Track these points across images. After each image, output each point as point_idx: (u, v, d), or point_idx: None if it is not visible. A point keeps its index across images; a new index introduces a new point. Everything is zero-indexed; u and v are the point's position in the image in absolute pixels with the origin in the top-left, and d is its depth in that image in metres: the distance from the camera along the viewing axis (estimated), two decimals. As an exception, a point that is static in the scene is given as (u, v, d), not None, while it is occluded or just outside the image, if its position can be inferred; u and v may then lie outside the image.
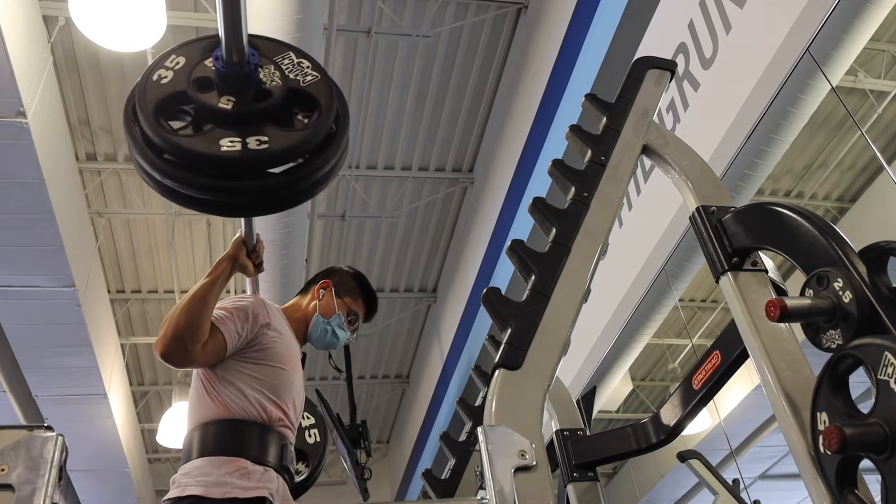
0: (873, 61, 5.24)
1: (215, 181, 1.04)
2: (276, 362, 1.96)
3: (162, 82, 1.07)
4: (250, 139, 1.02)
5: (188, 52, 1.12)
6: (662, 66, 1.93)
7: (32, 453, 1.11)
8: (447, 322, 7.97)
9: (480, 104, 6.64)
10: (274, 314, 2.04)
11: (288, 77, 1.11)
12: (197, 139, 1.02)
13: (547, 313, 1.47)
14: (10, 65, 4.36)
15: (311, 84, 1.12)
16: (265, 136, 1.03)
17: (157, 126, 1.02)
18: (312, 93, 1.12)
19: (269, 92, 1.09)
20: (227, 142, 1.01)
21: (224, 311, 1.88)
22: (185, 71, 1.08)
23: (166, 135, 1.02)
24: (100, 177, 6.73)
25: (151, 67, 1.10)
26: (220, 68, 1.04)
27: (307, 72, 1.13)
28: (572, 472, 2.13)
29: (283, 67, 1.11)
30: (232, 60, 1.03)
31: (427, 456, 8.62)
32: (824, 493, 1.13)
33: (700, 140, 3.54)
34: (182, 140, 1.02)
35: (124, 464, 8.16)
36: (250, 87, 1.06)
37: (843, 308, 1.15)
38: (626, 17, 4.54)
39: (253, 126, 1.04)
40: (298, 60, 1.14)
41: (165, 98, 1.05)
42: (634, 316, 4.91)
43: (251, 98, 1.07)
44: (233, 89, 1.06)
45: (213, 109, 1.04)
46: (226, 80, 1.05)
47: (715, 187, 1.64)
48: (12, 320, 6.21)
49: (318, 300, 2.22)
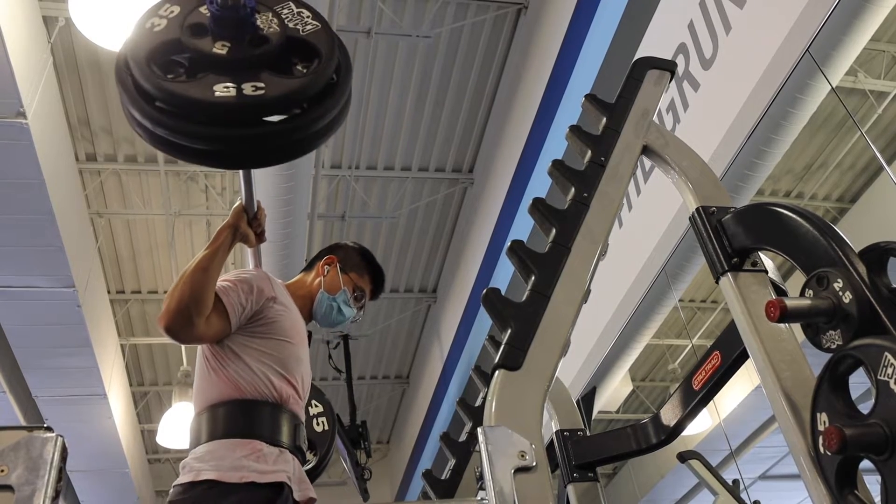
0: (873, 62, 5.24)
1: (209, 128, 1.00)
2: (282, 335, 1.91)
3: (155, 30, 1.04)
4: (246, 85, 0.99)
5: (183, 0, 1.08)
6: (662, 67, 1.93)
7: (32, 454, 1.11)
8: (447, 322, 7.97)
9: (480, 104, 6.64)
10: (279, 288, 1.99)
11: (287, 25, 1.08)
12: (190, 85, 0.99)
13: (547, 314, 1.47)
14: (9, 65, 4.36)
15: (311, 33, 1.09)
16: (261, 82, 1.00)
17: (149, 73, 0.99)
18: (312, 41, 1.09)
19: (267, 38, 1.05)
20: (221, 87, 0.98)
21: (228, 283, 1.84)
22: (179, 18, 1.05)
23: (158, 81, 0.99)
24: (100, 177, 6.73)
25: (145, 16, 1.07)
26: (214, 11, 1.01)
27: (307, 21, 1.10)
28: (572, 473, 2.13)
29: (281, 16, 1.08)
30: (227, 3, 1.01)
31: (427, 456, 8.62)
32: (824, 494, 1.13)
33: (700, 140, 3.54)
34: (174, 86, 0.99)
35: (124, 464, 8.16)
36: (246, 33, 1.04)
37: (842, 308, 1.15)
38: (625, 17, 4.54)
39: (249, 72, 1.01)
40: (298, 10, 1.11)
41: (158, 46, 1.03)
42: (634, 316, 4.91)
43: (247, 44, 1.04)
44: (228, 34, 1.03)
45: (207, 55, 1.01)
46: (220, 24, 1.02)
47: (715, 188, 1.64)
48: (12, 321, 6.21)
49: (324, 276, 2.15)
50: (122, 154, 6.62)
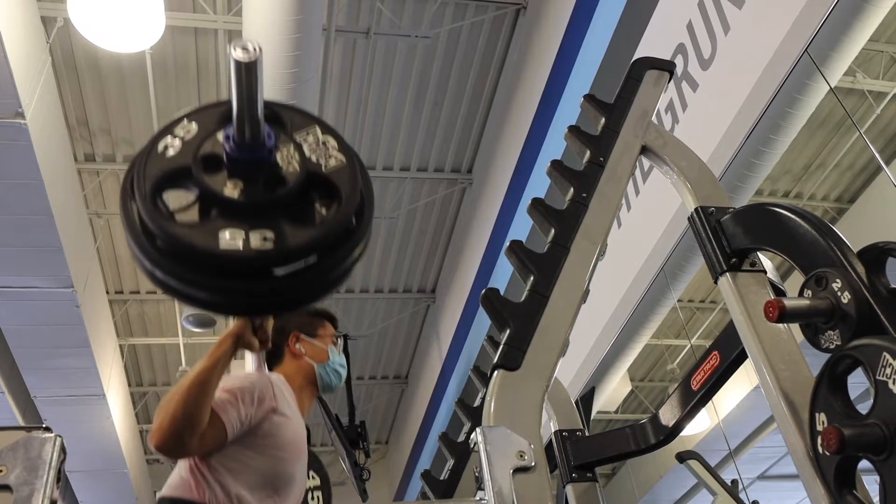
0: (872, 62, 5.25)
1: (210, 279, 0.92)
2: (277, 450, 1.83)
3: (167, 154, 0.96)
4: (254, 234, 0.90)
5: (203, 118, 0.99)
6: (661, 67, 1.93)
7: (31, 454, 1.11)
8: (446, 323, 7.97)
9: (479, 105, 6.65)
10: (280, 393, 1.91)
11: (308, 160, 0.98)
12: (194, 229, 0.91)
13: (546, 314, 1.47)
14: (8, 66, 4.36)
15: (334, 170, 0.98)
16: (272, 231, 0.91)
17: (153, 208, 0.91)
18: (334, 180, 0.98)
19: (285, 179, 0.96)
20: (227, 235, 0.89)
21: (227, 395, 1.75)
22: (195, 143, 0.96)
23: (161, 220, 0.90)
24: (98, 177, 6.73)
25: (161, 133, 0.98)
26: (229, 150, 0.93)
27: (331, 153, 1.00)
28: (571, 473, 2.12)
29: (303, 147, 0.98)
30: (244, 144, 0.92)
31: (426, 456, 8.62)
32: (823, 494, 1.13)
33: (699, 141, 3.54)
34: (177, 229, 0.90)
35: (123, 464, 8.15)
36: (262, 173, 0.95)
37: (841, 309, 1.15)
38: (624, 17, 4.55)
39: (260, 218, 0.92)
40: (324, 138, 1.01)
41: (167, 174, 0.94)
42: (633, 316, 4.92)
43: (262, 185, 0.95)
44: (242, 174, 0.94)
45: (217, 196, 0.92)
46: (236, 163, 0.94)
47: (714, 188, 1.64)
48: (11, 321, 6.20)
49: (304, 355, 2.09)
50: (120, 154, 6.62)
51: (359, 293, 8.25)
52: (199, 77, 6.10)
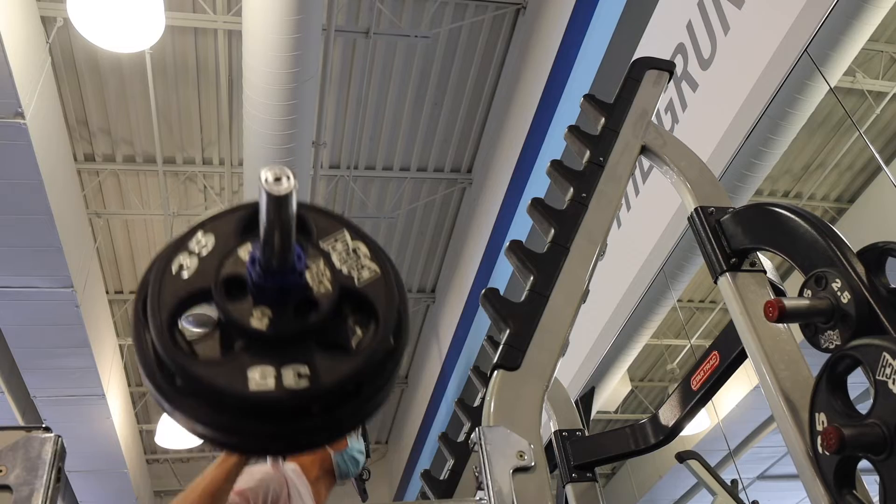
0: (871, 62, 5.25)
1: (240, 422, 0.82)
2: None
3: (183, 275, 0.85)
4: (287, 370, 0.81)
5: (220, 230, 0.89)
6: (661, 67, 1.93)
7: (30, 454, 1.10)
8: (446, 322, 7.97)
9: (479, 104, 6.65)
10: (295, 491, 1.86)
11: (340, 272, 0.88)
12: (219, 367, 0.81)
13: (545, 314, 1.47)
14: (8, 66, 4.36)
15: (369, 283, 0.88)
16: (306, 365, 0.81)
17: (171, 343, 0.81)
18: (369, 296, 0.88)
19: (316, 302, 0.86)
20: (256, 374, 0.79)
21: (238, 500, 1.71)
22: (214, 260, 0.86)
23: (181, 357, 0.80)
24: (98, 177, 6.73)
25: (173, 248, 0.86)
26: (255, 278, 0.83)
27: (364, 263, 0.89)
28: (571, 473, 2.12)
29: (333, 259, 0.88)
30: (271, 269, 0.82)
31: (426, 456, 8.62)
32: (823, 494, 1.13)
33: (698, 140, 3.55)
34: (201, 368, 0.80)
35: (123, 464, 8.15)
36: (292, 299, 0.85)
37: (841, 309, 1.15)
38: (624, 17, 4.55)
39: (292, 351, 0.83)
40: (354, 245, 0.91)
41: (185, 300, 0.84)
42: (633, 316, 4.92)
43: (292, 312, 0.84)
44: (270, 301, 0.84)
45: (243, 327, 0.82)
46: (262, 290, 0.84)
47: (713, 188, 1.64)
48: (11, 321, 6.21)
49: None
50: (120, 154, 6.62)
51: (358, 293, 8.25)
52: (198, 77, 6.10)
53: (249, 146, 5.37)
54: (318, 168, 6.33)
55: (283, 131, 5.09)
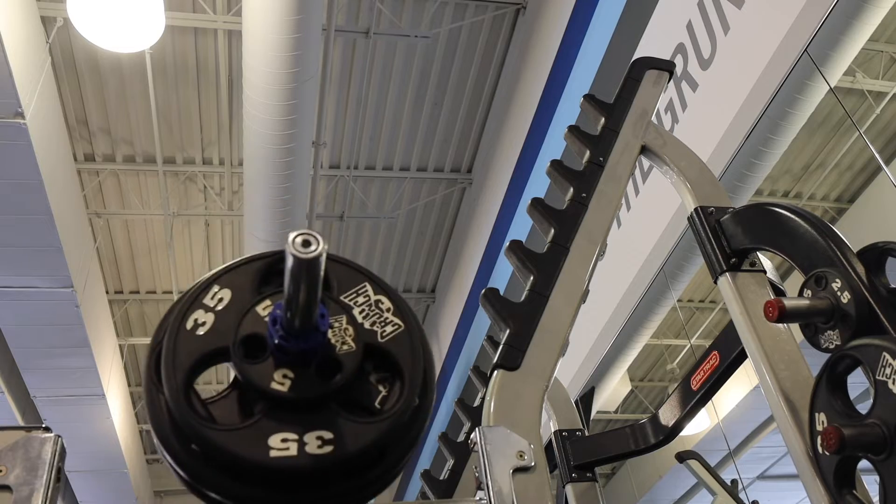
0: (871, 62, 5.25)
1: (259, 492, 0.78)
2: None
3: (198, 333, 0.81)
4: (310, 436, 0.77)
5: (235, 282, 0.85)
6: (661, 67, 1.93)
7: (30, 454, 1.10)
8: (446, 322, 7.97)
9: (479, 104, 6.65)
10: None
11: (362, 328, 0.85)
12: (239, 436, 0.76)
13: (545, 314, 1.47)
14: (8, 66, 4.36)
15: (392, 338, 0.85)
16: (330, 431, 0.78)
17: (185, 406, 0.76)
18: (393, 352, 0.84)
19: (339, 362, 0.82)
20: (278, 441, 0.76)
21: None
22: (231, 317, 0.82)
23: (197, 423, 0.75)
24: (98, 177, 6.73)
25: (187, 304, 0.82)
26: (278, 339, 0.79)
27: (386, 318, 0.86)
28: (571, 473, 2.12)
29: (356, 314, 0.85)
30: (294, 330, 0.78)
31: (425, 456, 8.62)
32: (823, 494, 1.13)
33: (698, 140, 3.55)
34: (219, 435, 0.76)
35: (123, 464, 8.15)
36: (314, 360, 0.81)
37: (841, 308, 1.15)
38: (624, 17, 4.55)
39: (314, 416, 0.79)
40: (376, 298, 0.87)
41: (201, 359, 0.80)
42: (633, 316, 4.91)
43: (314, 374, 0.81)
44: (292, 363, 0.80)
45: (264, 390, 0.78)
46: (284, 352, 0.80)
47: (713, 188, 1.64)
48: (10, 321, 6.21)
49: None
50: (120, 154, 6.62)
51: (358, 293, 8.24)
52: (198, 77, 6.10)
53: (249, 146, 5.37)
54: (318, 168, 6.33)
55: (283, 131, 5.09)
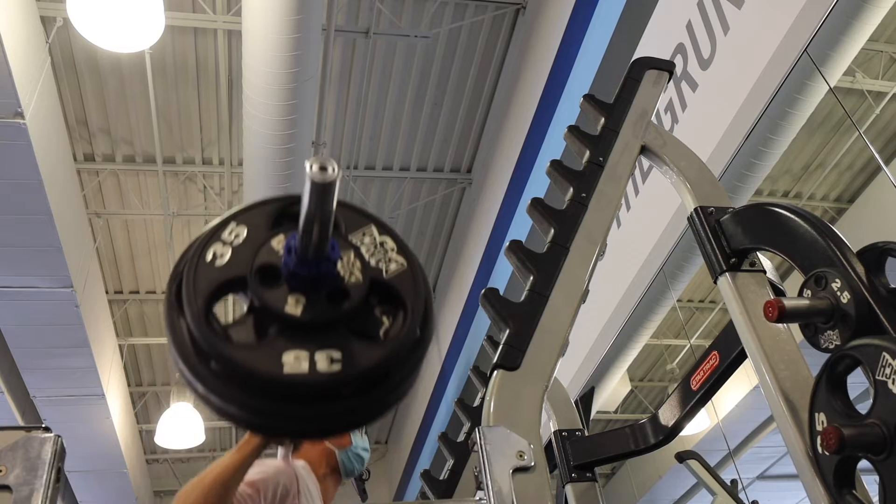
0: (871, 62, 5.25)
1: (272, 404, 0.86)
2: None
3: (217, 264, 0.88)
4: (320, 356, 0.84)
5: (251, 221, 0.93)
6: (661, 67, 1.93)
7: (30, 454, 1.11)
8: (445, 322, 7.97)
9: (479, 104, 6.65)
10: (305, 487, 1.88)
11: (369, 264, 0.93)
12: (255, 353, 0.84)
13: (545, 314, 1.47)
14: (7, 65, 4.36)
15: (396, 275, 0.93)
16: (339, 350, 0.85)
17: (206, 328, 0.84)
18: (397, 287, 0.92)
19: (347, 291, 0.90)
20: (291, 358, 0.83)
21: (250, 490, 1.73)
22: (247, 250, 0.90)
23: (217, 342, 0.83)
24: (98, 177, 6.73)
25: (206, 239, 0.90)
26: (291, 265, 0.87)
27: (391, 256, 0.94)
28: (571, 473, 2.12)
29: (363, 252, 0.93)
30: (307, 259, 0.87)
31: (425, 456, 8.62)
32: (822, 494, 1.13)
33: (698, 140, 3.55)
34: (237, 352, 0.83)
35: (122, 464, 8.15)
36: (325, 287, 0.89)
37: (841, 308, 1.15)
38: (624, 17, 4.55)
39: (325, 337, 0.87)
40: (381, 239, 0.96)
41: (220, 286, 0.88)
42: (633, 316, 4.91)
43: (325, 300, 0.89)
44: (304, 288, 0.88)
45: (277, 313, 0.86)
46: (298, 278, 0.88)
47: (713, 188, 1.64)
48: (10, 321, 6.21)
49: (324, 441, 2.06)
50: (120, 154, 6.62)
51: (358, 293, 8.24)
52: (198, 77, 6.10)
53: (249, 146, 5.37)
54: (318, 168, 6.33)
55: (283, 131, 5.09)
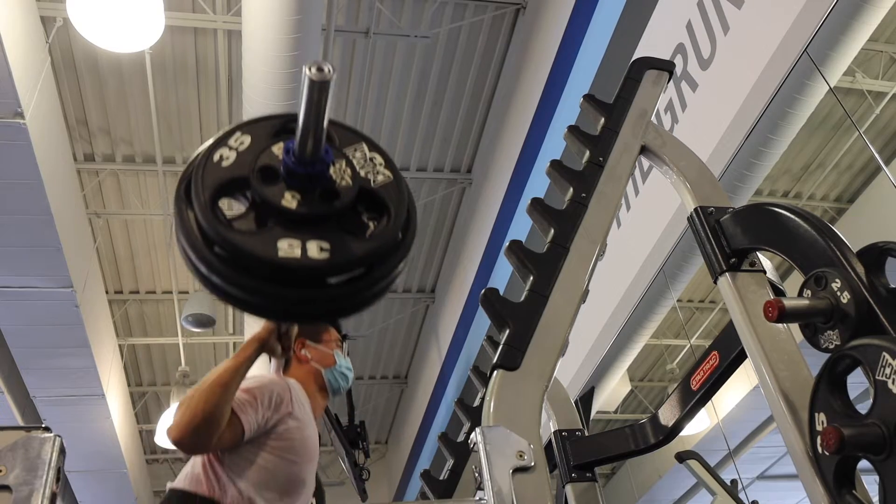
0: (871, 62, 5.24)
1: (268, 286, 0.96)
2: (291, 454, 1.88)
3: (223, 164, 0.99)
4: (311, 244, 0.95)
5: (255, 131, 1.05)
6: (661, 67, 1.93)
7: (30, 454, 1.11)
8: (445, 322, 7.97)
9: (479, 104, 6.64)
10: (297, 398, 1.96)
11: (358, 175, 1.04)
12: (254, 238, 0.95)
13: (545, 314, 1.47)
14: (7, 66, 4.36)
15: (383, 185, 1.05)
16: (328, 241, 0.96)
17: (211, 216, 0.94)
18: (383, 196, 1.04)
19: (338, 193, 1.01)
20: (285, 244, 0.93)
21: (247, 396, 1.79)
22: (250, 154, 1.01)
23: (221, 228, 0.94)
24: (97, 177, 6.72)
25: (214, 144, 1.02)
26: (289, 163, 0.98)
27: (379, 170, 1.06)
28: (571, 473, 2.13)
29: (354, 163, 1.04)
30: (304, 159, 0.97)
31: (425, 456, 8.62)
32: (822, 494, 1.13)
33: (698, 141, 3.54)
34: (238, 237, 0.94)
35: (122, 464, 8.15)
36: (319, 186, 1.00)
37: (841, 308, 1.15)
38: (624, 17, 4.55)
39: (316, 229, 0.97)
40: (371, 155, 1.07)
41: (225, 183, 0.99)
42: (633, 316, 4.92)
43: (318, 197, 1.00)
44: (300, 186, 0.99)
45: (275, 206, 0.97)
46: (294, 176, 0.99)
47: (713, 188, 1.64)
48: (10, 321, 6.20)
49: (310, 360, 2.14)
50: (120, 154, 6.62)
51: (358, 293, 8.23)
52: (198, 77, 6.10)
53: (249, 146, 5.36)
54: (318, 168, 6.33)
55: (283, 131, 5.09)
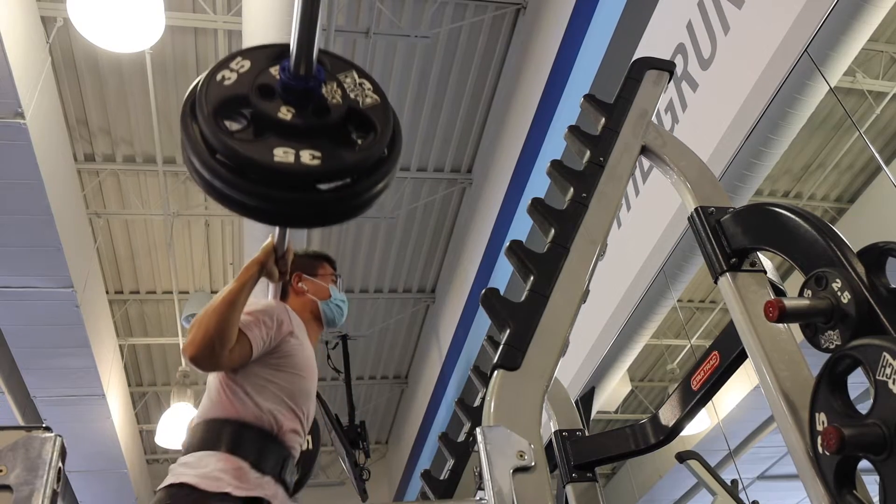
0: (871, 62, 5.24)
1: (264, 189, 1.05)
2: (295, 369, 1.99)
3: (225, 83, 1.09)
4: (304, 152, 1.04)
5: (254, 56, 1.14)
6: (661, 67, 1.93)
7: (31, 454, 1.11)
8: (446, 322, 7.97)
9: (479, 105, 6.64)
10: (296, 321, 2.07)
11: (348, 96, 1.14)
12: (252, 145, 1.04)
13: (545, 314, 1.47)
14: (8, 66, 4.36)
15: (370, 106, 1.15)
16: (319, 151, 1.05)
17: (214, 126, 1.04)
18: (370, 115, 1.14)
19: (329, 109, 1.10)
20: (281, 151, 1.03)
21: (250, 317, 1.89)
22: (250, 75, 1.10)
23: (223, 136, 1.03)
24: (98, 177, 6.72)
25: (216, 67, 1.12)
26: (285, 79, 1.07)
27: (367, 93, 1.16)
28: (571, 473, 2.13)
29: (344, 86, 1.14)
30: (299, 74, 1.06)
31: (426, 456, 8.62)
32: (823, 494, 1.13)
33: (698, 141, 3.54)
34: (237, 144, 1.03)
35: (123, 464, 8.15)
36: (312, 102, 1.09)
37: (841, 309, 1.15)
38: (624, 17, 4.55)
39: (309, 140, 1.06)
40: (360, 80, 1.17)
41: (226, 99, 1.07)
42: (633, 316, 4.91)
43: (311, 112, 1.09)
44: (294, 101, 1.08)
45: (271, 118, 1.06)
46: (289, 91, 1.08)
47: (713, 188, 1.64)
48: (10, 321, 6.20)
49: (307, 292, 2.25)
50: (120, 154, 6.62)
51: (358, 293, 8.24)
52: (198, 77, 6.09)
53: (249, 146, 5.36)
54: (318, 168, 6.33)
55: (283, 131, 5.09)
